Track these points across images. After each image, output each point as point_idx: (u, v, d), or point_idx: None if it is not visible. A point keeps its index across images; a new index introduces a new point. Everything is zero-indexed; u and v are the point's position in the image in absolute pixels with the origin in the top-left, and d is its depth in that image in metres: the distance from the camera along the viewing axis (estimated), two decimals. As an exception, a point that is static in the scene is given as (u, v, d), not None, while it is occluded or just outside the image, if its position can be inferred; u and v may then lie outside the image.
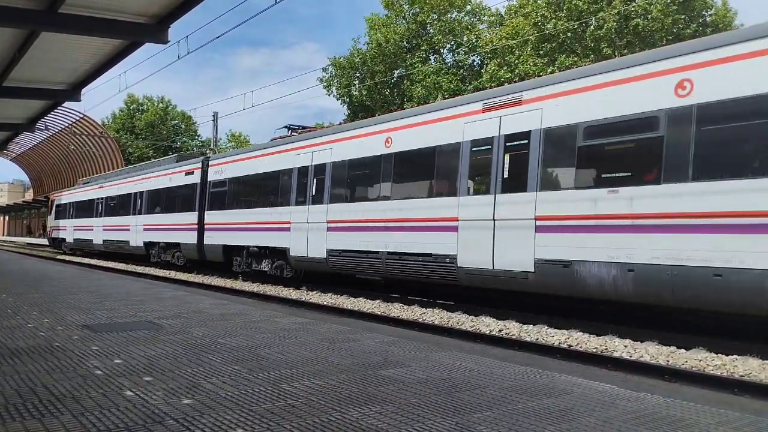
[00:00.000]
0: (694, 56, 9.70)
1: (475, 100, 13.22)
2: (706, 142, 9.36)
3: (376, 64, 42.44)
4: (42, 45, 14.34)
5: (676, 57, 9.94)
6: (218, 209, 22.47)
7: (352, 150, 16.45)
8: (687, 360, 8.63)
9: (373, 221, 15.36)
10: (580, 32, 33.65)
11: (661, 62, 10.12)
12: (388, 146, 14.95)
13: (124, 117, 71.45)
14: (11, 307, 9.46)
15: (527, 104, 12.02)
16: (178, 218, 25.20)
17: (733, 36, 9.93)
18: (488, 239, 12.24)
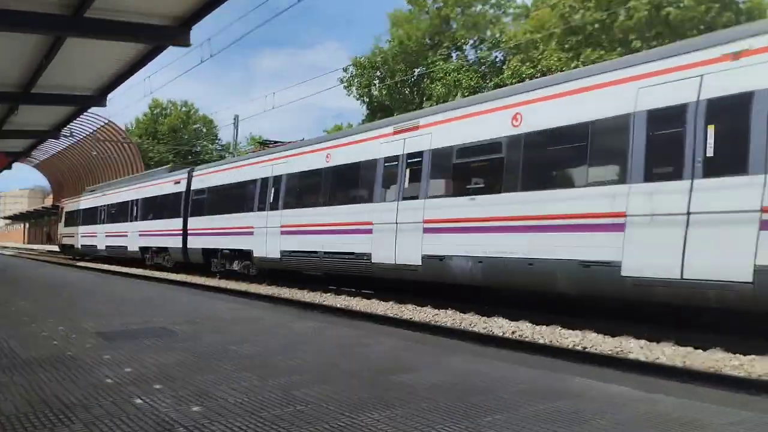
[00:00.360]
0: (524, 95, 12.39)
1: (388, 124, 15.64)
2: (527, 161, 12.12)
3: (398, 62, 42.21)
4: (68, 51, 14.45)
5: (513, 95, 12.72)
6: (198, 216, 25.23)
7: (303, 164, 19.11)
8: (704, 361, 8.51)
9: (314, 225, 18.04)
10: (609, 23, 32.94)
11: (504, 99, 12.83)
12: (328, 161, 17.46)
13: (148, 122, 71.91)
14: (28, 314, 9.54)
15: (422, 129, 14.59)
16: (166, 224, 27.80)
17: (547, 81, 13.16)
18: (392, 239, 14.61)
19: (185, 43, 13.41)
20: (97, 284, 16.11)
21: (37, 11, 12.04)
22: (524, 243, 11.67)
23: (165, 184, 28.77)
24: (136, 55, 15.34)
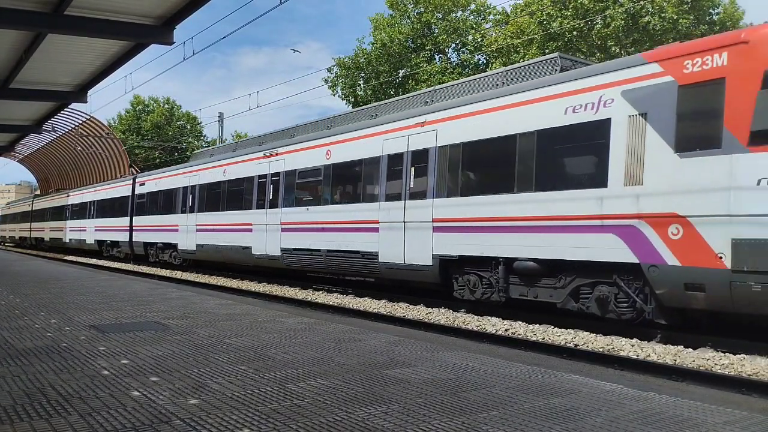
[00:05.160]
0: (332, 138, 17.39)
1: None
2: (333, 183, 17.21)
3: (381, 64, 42.39)
4: (48, 47, 14.40)
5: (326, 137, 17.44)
6: (140, 215, 30.17)
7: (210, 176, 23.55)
8: (694, 359, 8.59)
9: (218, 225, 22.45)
10: (587, 31, 33.52)
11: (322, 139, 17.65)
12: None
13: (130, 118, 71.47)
14: (19, 307, 9.51)
15: (280, 155, 19.43)
16: (117, 222, 32.91)
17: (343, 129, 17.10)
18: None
19: (168, 41, 13.39)
20: (85, 278, 16.02)
21: (17, 7, 11.98)
22: (339, 239, 16.31)
23: (115, 188, 34.26)
24: (117, 52, 15.30)
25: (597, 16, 32.43)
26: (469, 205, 12.78)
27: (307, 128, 20.27)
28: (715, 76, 9.20)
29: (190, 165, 26.27)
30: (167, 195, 27.02)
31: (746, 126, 8.76)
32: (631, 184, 10.03)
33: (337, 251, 16.35)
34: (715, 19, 34.17)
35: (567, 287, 11.16)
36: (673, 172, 9.51)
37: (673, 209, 9.43)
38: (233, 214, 21.48)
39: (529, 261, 11.57)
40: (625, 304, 10.35)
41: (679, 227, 9.37)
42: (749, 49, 9.00)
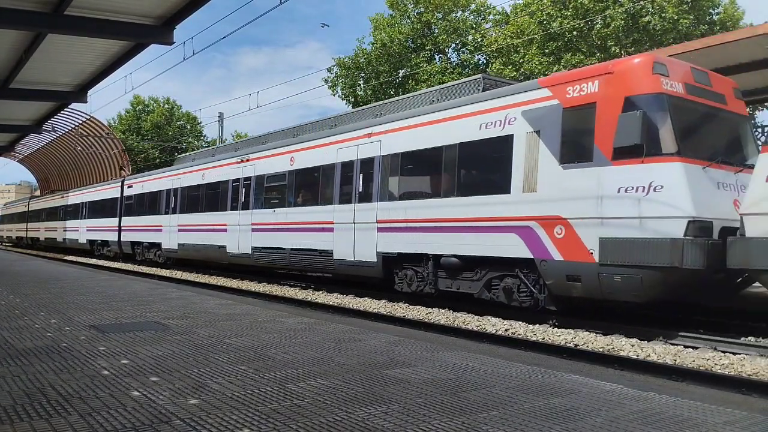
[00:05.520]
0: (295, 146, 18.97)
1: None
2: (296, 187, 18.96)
3: (381, 64, 42.39)
4: (48, 47, 14.41)
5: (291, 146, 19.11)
6: (127, 216, 31.76)
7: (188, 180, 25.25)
8: (694, 359, 8.59)
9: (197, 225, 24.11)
10: (586, 31, 33.52)
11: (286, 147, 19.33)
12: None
13: (130, 118, 71.44)
14: (19, 307, 9.51)
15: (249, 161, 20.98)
16: (107, 222, 34.45)
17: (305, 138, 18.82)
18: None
19: (168, 41, 13.40)
20: (85, 278, 16.02)
21: (17, 7, 11.98)
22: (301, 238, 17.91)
23: (105, 190, 35.90)
24: (117, 52, 15.33)
25: (597, 16, 32.43)
26: (405, 208, 14.49)
27: (277, 136, 22.00)
28: (588, 101, 10.81)
29: (173, 169, 28.26)
30: (152, 197, 28.70)
31: (610, 143, 10.31)
32: (528, 191, 11.68)
33: (299, 249, 17.96)
34: (715, 19, 34.19)
35: (482, 279, 12.77)
36: (558, 181, 11.12)
37: (558, 212, 11.05)
38: (210, 215, 23.10)
39: (452, 257, 13.19)
40: (525, 293, 11.91)
41: (562, 228, 10.98)
42: (614, 78, 10.57)
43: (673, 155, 9.95)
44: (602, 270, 10.26)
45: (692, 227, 9.52)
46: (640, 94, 10.31)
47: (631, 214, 10.03)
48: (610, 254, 10.18)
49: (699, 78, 11.05)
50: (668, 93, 10.31)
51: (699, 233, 9.56)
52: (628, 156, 10.13)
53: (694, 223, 9.54)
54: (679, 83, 10.60)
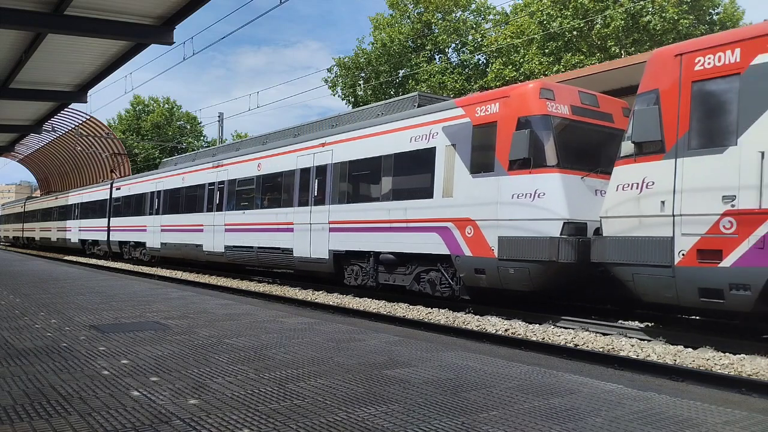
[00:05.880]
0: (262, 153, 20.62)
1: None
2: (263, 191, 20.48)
3: (381, 63, 42.40)
4: (48, 47, 14.40)
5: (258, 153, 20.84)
6: (116, 216, 33.45)
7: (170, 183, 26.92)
8: (694, 359, 8.59)
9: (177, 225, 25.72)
10: (586, 31, 33.52)
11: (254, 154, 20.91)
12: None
13: (130, 118, 71.44)
14: (19, 307, 9.51)
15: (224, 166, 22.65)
16: (97, 223, 36.19)
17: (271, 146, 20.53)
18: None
19: (168, 41, 13.39)
20: (85, 279, 16.02)
21: (17, 7, 11.97)
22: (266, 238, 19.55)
23: (95, 192, 37.65)
24: (117, 52, 15.30)
25: (597, 16, 32.42)
26: (352, 211, 16.20)
27: (249, 143, 23.96)
28: (491, 120, 12.63)
29: (157, 172, 30.06)
30: (138, 199, 30.52)
31: (507, 156, 12.10)
32: (446, 196, 13.42)
33: (265, 248, 19.61)
34: (715, 19, 34.20)
35: (412, 273, 14.55)
36: (469, 188, 12.91)
37: (469, 215, 12.84)
38: (189, 216, 24.82)
39: (389, 254, 14.95)
40: (445, 285, 13.68)
41: (472, 228, 12.78)
42: (510, 101, 12.35)
43: (554, 167, 11.66)
44: (500, 264, 12.13)
45: (567, 228, 11.28)
46: (529, 115, 11.99)
47: (521, 217, 11.85)
48: (506, 250, 12.03)
49: (586, 100, 12.63)
50: (552, 114, 11.96)
51: (573, 233, 11.29)
52: (519, 167, 11.96)
53: (569, 225, 11.29)
54: (564, 105, 12.22)
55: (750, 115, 8.69)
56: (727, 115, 9.01)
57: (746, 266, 8.53)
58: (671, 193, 9.41)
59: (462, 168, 13.11)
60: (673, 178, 9.41)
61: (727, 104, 9.04)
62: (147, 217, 29.07)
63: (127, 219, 31.70)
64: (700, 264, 9.02)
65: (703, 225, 9.02)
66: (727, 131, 8.96)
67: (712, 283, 8.91)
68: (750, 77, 8.74)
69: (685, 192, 9.27)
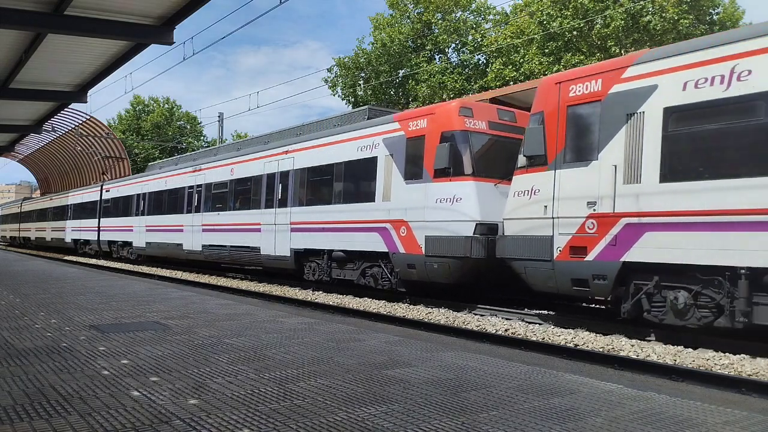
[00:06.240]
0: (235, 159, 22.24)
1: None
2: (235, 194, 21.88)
3: (381, 63, 42.38)
4: (48, 47, 14.38)
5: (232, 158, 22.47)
6: (105, 217, 35.09)
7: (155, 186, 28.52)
8: (694, 359, 8.59)
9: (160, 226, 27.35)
10: (587, 31, 33.51)
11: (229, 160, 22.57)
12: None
13: (130, 118, 71.41)
14: (19, 307, 9.51)
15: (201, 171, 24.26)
16: (88, 223, 37.70)
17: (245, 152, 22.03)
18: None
19: (168, 41, 13.37)
20: (85, 278, 16.02)
21: (17, 7, 11.95)
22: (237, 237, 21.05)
23: (87, 193, 39.22)
24: (117, 52, 15.27)
25: (597, 16, 32.42)
26: (309, 212, 17.77)
27: (225, 149, 25.91)
28: (421, 133, 14.28)
29: (143, 175, 31.91)
30: (125, 201, 32.15)
31: (432, 165, 13.69)
32: (385, 200, 15.01)
33: (237, 246, 21.13)
34: (715, 18, 34.16)
35: (359, 269, 16.15)
36: (403, 193, 14.52)
37: (402, 217, 14.43)
38: (171, 218, 26.38)
39: (340, 252, 16.56)
40: (386, 279, 15.28)
41: (405, 229, 14.34)
42: (435, 118, 14.07)
43: (469, 175, 13.28)
44: (427, 260, 13.67)
45: (479, 228, 12.89)
46: (450, 130, 13.61)
47: (443, 219, 13.44)
48: (431, 248, 13.59)
49: (504, 116, 14.30)
50: (470, 129, 13.58)
51: (485, 232, 12.87)
52: (442, 175, 13.56)
53: (481, 225, 12.90)
54: (482, 121, 13.84)
55: (608, 134, 10.28)
56: (592, 134, 10.62)
57: (604, 260, 10.20)
58: (551, 200, 11.08)
59: (398, 175, 14.77)
60: (553, 186, 11.10)
61: (591, 125, 10.64)
62: (133, 218, 30.64)
63: (116, 220, 33.31)
64: (571, 258, 10.68)
65: (574, 226, 10.67)
66: (591, 148, 10.59)
67: (580, 274, 10.56)
68: (608, 103, 10.34)
69: (561, 199, 10.94)
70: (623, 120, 10.11)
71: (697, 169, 9.28)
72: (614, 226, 10.07)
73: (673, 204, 9.38)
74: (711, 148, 9.18)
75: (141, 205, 29.98)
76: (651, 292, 9.86)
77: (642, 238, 9.75)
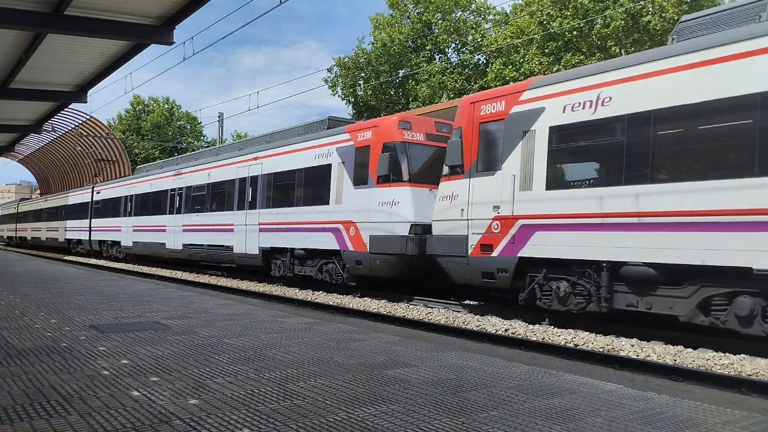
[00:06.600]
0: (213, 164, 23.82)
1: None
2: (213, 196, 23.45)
3: (381, 63, 42.36)
4: (48, 47, 14.38)
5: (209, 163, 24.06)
6: (96, 218, 36.78)
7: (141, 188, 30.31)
8: (694, 359, 8.59)
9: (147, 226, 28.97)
10: (587, 31, 33.50)
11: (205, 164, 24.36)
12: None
13: (130, 118, 71.40)
14: (19, 307, 9.51)
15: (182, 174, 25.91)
16: (81, 223, 39.41)
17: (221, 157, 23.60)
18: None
19: (168, 41, 13.36)
20: (85, 278, 16.02)
21: (17, 7, 11.95)
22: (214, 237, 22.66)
23: (80, 195, 40.85)
24: (117, 52, 15.26)
25: (597, 16, 32.41)
26: (275, 214, 19.36)
27: (205, 154, 28.06)
28: (367, 144, 15.87)
29: (130, 178, 33.71)
30: (114, 202, 33.90)
31: (375, 173, 15.32)
32: (338, 203, 16.64)
33: (213, 245, 22.69)
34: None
35: (317, 265, 17.80)
36: (352, 197, 16.14)
37: (351, 219, 16.02)
38: (155, 218, 28.11)
39: (301, 250, 18.24)
40: (339, 274, 16.89)
41: (354, 229, 15.92)
42: (378, 130, 15.66)
43: (406, 181, 14.89)
44: (371, 257, 15.28)
45: (413, 228, 14.43)
46: (390, 142, 15.21)
47: (384, 220, 15.02)
48: (374, 246, 15.14)
49: (442, 129, 15.68)
50: (407, 141, 15.16)
51: (418, 232, 14.33)
52: (383, 182, 15.16)
53: (415, 226, 14.44)
54: (420, 133, 15.46)
55: (509, 148, 12.04)
56: (497, 147, 12.33)
57: (505, 255, 11.93)
58: (467, 204, 12.78)
59: (348, 181, 16.39)
60: (468, 192, 12.80)
61: (497, 140, 12.35)
62: (121, 219, 32.41)
63: (106, 220, 35.15)
64: (481, 254, 12.40)
65: (483, 227, 12.39)
66: (497, 159, 12.30)
67: (488, 268, 12.30)
68: (509, 121, 12.10)
69: (474, 203, 12.64)
70: (520, 136, 11.84)
71: (572, 178, 11.16)
72: (513, 227, 11.83)
73: (556, 208, 11.09)
74: (582, 161, 11.18)
75: (128, 207, 31.62)
76: (541, 283, 11.60)
77: (533, 237, 11.48)
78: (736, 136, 9.16)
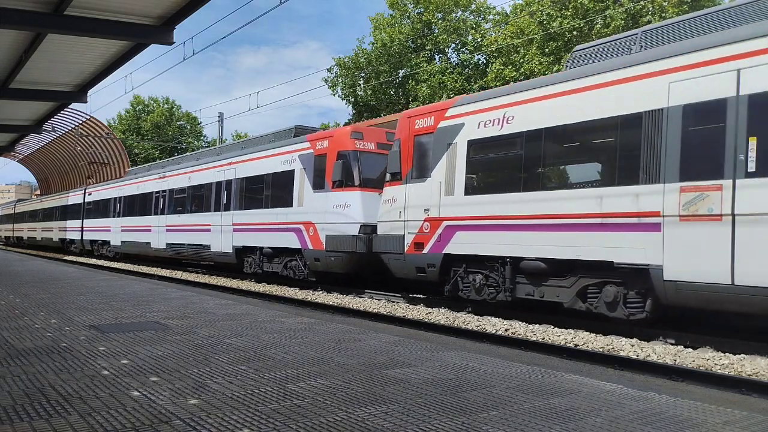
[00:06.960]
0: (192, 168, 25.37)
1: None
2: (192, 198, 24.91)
3: (381, 63, 42.35)
4: (48, 47, 14.38)
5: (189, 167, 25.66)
6: (88, 218, 38.50)
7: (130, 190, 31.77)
8: (694, 359, 8.59)
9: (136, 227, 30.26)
10: (587, 31, 33.48)
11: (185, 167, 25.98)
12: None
13: (130, 118, 71.39)
14: (19, 307, 9.51)
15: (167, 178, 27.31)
16: (74, 224, 41.06)
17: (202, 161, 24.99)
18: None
19: (168, 41, 13.36)
20: (85, 278, 16.02)
21: (17, 7, 11.94)
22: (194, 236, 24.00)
23: (73, 196, 42.41)
24: (117, 52, 15.26)
25: (597, 16, 32.40)
26: (247, 215, 20.80)
27: (187, 158, 29.34)
28: (324, 152, 17.46)
29: (119, 180, 35.22)
30: (104, 203, 35.58)
31: (331, 178, 16.90)
32: (299, 206, 18.19)
33: (193, 244, 24.12)
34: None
35: (282, 262, 19.31)
36: (312, 200, 17.69)
37: (311, 220, 17.56)
38: (141, 219, 29.65)
39: (268, 249, 19.73)
40: (301, 270, 18.36)
41: (313, 229, 17.44)
42: (333, 140, 17.28)
43: (356, 186, 16.41)
44: (327, 254, 16.78)
45: (362, 229, 15.88)
46: (343, 150, 16.78)
47: (338, 221, 16.53)
48: (330, 244, 16.63)
49: (390, 138, 16.63)
50: (359, 150, 16.70)
51: (367, 232, 15.72)
52: (338, 186, 16.71)
53: (364, 227, 15.88)
54: (371, 143, 17.02)
55: (437, 158, 13.57)
56: (428, 157, 13.82)
57: (433, 252, 13.46)
58: (404, 207, 14.27)
59: (308, 185, 17.95)
60: (405, 197, 14.29)
61: (428, 151, 13.86)
62: (111, 219, 34.09)
63: (97, 221, 36.90)
64: (415, 252, 13.91)
65: (417, 227, 13.89)
66: (428, 168, 13.80)
67: (420, 263, 13.82)
68: (437, 135, 13.64)
69: (409, 206, 14.13)
70: (445, 148, 13.35)
71: (484, 186, 12.81)
72: (439, 228, 13.37)
73: (472, 211, 12.64)
74: (492, 171, 12.74)
75: (117, 208, 33.32)
76: (462, 276, 13.14)
77: (455, 236, 13.03)
78: (603, 151, 10.83)
